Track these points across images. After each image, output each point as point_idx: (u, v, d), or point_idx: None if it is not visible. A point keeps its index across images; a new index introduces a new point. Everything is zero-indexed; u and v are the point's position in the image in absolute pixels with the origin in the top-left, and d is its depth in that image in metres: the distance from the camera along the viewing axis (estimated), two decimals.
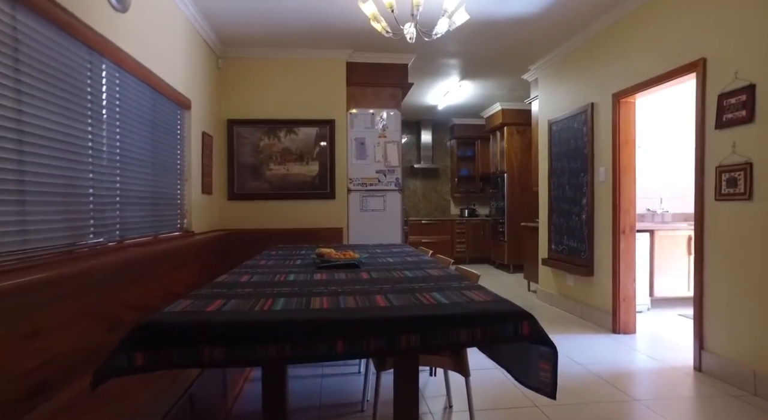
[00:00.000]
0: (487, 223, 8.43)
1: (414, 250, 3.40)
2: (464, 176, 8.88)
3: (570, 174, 4.57)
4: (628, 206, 3.86)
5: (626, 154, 3.86)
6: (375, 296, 1.63)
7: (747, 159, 2.69)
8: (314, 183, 4.74)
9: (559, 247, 4.79)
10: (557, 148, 4.83)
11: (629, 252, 3.86)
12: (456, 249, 8.40)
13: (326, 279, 2.05)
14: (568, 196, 4.62)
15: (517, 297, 5.46)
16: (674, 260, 4.59)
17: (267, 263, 2.63)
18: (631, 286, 3.86)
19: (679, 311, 4.62)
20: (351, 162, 4.84)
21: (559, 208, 4.80)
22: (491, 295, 1.64)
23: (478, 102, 7.33)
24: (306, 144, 4.72)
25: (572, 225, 4.53)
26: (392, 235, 4.90)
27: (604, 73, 4.06)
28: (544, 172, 5.19)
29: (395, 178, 4.92)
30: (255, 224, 4.62)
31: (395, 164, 4.92)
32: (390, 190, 4.91)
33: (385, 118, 4.90)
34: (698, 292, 3.06)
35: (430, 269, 2.33)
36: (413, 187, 9.03)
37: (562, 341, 3.62)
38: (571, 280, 4.59)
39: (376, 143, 4.88)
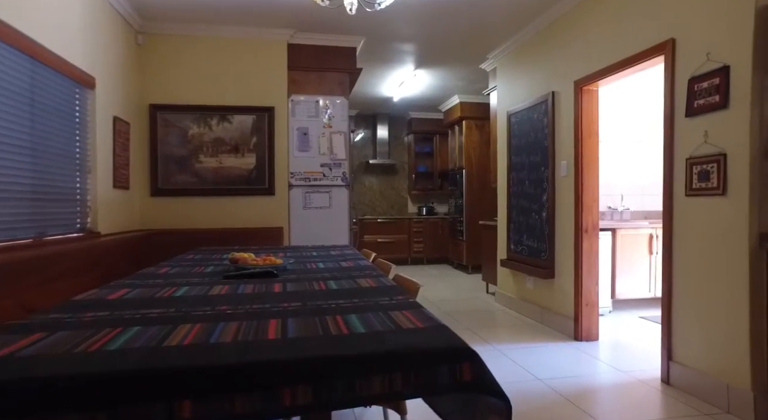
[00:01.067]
0: (445, 221, 8.11)
1: (355, 252, 2.98)
2: (422, 173, 8.54)
3: (530, 168, 4.27)
4: (591, 203, 3.57)
5: (589, 146, 3.56)
6: (269, 321, 1.20)
7: (720, 150, 2.41)
8: (251, 177, 4.25)
9: (518, 247, 4.48)
10: (516, 140, 4.52)
11: (592, 253, 3.57)
12: (413, 249, 8.05)
13: (226, 294, 1.61)
14: (527, 192, 4.31)
15: (475, 300, 5.14)
16: (636, 260, 4.35)
17: (169, 271, 2.16)
18: (594, 290, 3.58)
19: (640, 313, 4.40)
20: (293, 154, 4.38)
21: (518, 206, 4.49)
22: (426, 318, 1.24)
23: (436, 94, 6.99)
24: (241, 134, 4.22)
25: (532, 223, 4.22)
26: (339, 235, 4.47)
27: (566, 60, 3.75)
28: (503, 167, 4.87)
29: (342, 172, 4.49)
30: (183, 224, 4.09)
31: (342, 157, 4.49)
32: (336, 185, 4.47)
33: (331, 106, 4.46)
34: (666, 297, 2.78)
35: (362, 278, 1.92)
36: (369, 183, 8.62)
37: (521, 352, 3.29)
38: (531, 282, 4.29)
39: (321, 134, 4.43)
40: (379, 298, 1.50)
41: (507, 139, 4.69)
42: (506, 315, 4.44)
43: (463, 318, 4.30)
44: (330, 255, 2.84)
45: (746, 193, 2.28)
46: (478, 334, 3.75)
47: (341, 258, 2.67)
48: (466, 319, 4.24)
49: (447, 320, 4.17)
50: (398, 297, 1.51)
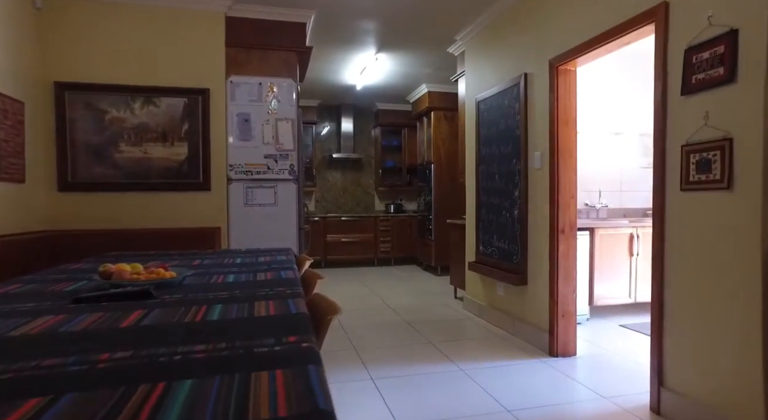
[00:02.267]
0: (414, 219, 7.64)
1: (290, 259, 2.46)
2: (390, 168, 8.05)
3: (500, 160, 3.81)
4: (569, 199, 3.13)
5: (566, 134, 3.12)
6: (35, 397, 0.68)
7: (725, 133, 1.97)
8: (182, 170, 3.67)
9: (488, 248, 4.03)
10: (486, 130, 4.06)
11: (569, 256, 3.13)
12: (380, 249, 7.55)
13: (42, 331, 1.07)
14: (498, 187, 3.85)
15: (442, 306, 4.67)
16: (616, 263, 3.95)
17: (18, 289, 1.60)
18: (572, 299, 3.14)
19: (620, 320, 4.00)
20: (232, 144, 3.82)
21: (488, 203, 4.04)
22: (304, 391, 0.73)
23: (403, 83, 6.50)
24: (171, 119, 3.64)
25: (503, 222, 3.77)
26: (286, 235, 3.94)
27: (540, 37, 3.30)
28: (471, 160, 4.41)
29: (289, 164, 3.95)
30: (99, 224, 3.49)
31: (290, 148, 3.95)
32: (283, 179, 3.94)
33: (277, 89, 3.91)
34: (656, 311, 2.35)
35: (265, 300, 1.41)
36: (333, 179, 8.08)
37: (488, 373, 2.83)
38: (501, 288, 3.84)
39: (265, 121, 3.88)
40: (261, 340, 0.99)
41: (475, 128, 4.23)
42: (474, 325, 3.98)
43: (426, 329, 3.82)
44: (256, 262, 2.32)
45: (758, 186, 1.85)
46: (441, 349, 3.28)
47: (265, 267, 2.15)
48: (428, 330, 3.76)
49: (407, 331, 3.69)
50: (289, 339, 1.00)
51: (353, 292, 5.44)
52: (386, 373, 2.84)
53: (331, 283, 6.09)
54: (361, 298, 5.14)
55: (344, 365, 3.00)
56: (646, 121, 4.59)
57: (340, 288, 5.73)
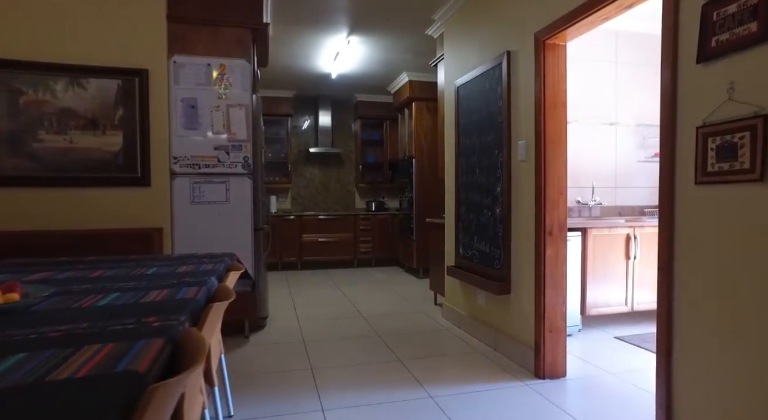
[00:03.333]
0: (396, 218, 7.19)
1: (215, 268, 1.99)
2: (371, 163, 7.59)
3: (482, 152, 3.37)
4: (557, 196, 2.69)
5: (554, 120, 2.68)
6: None
7: (757, 109, 1.54)
8: (116, 163, 3.19)
9: (468, 251, 3.59)
10: (466, 118, 3.62)
11: (558, 262, 2.69)
12: (360, 249, 7.09)
13: None
14: (479, 182, 3.41)
15: (419, 315, 4.22)
16: (611, 267, 3.53)
17: None
18: (561, 312, 2.70)
19: (615, 331, 3.58)
20: (176, 133, 3.34)
21: (468, 200, 3.59)
22: None
23: (381, 71, 6.03)
24: (102, 104, 3.15)
25: (484, 222, 3.33)
26: (239, 237, 3.47)
27: (525, 7, 2.85)
28: (450, 152, 3.97)
29: (243, 156, 3.48)
30: (15, 224, 3.01)
31: (243, 137, 3.48)
32: (236, 173, 3.47)
33: (229, 71, 3.44)
34: (663, 330, 1.91)
35: (112, 341, 0.94)
36: (310, 175, 7.60)
37: (464, 402, 2.38)
38: (482, 297, 3.40)
39: (215, 107, 3.41)
40: None
41: (455, 116, 3.78)
42: (453, 338, 3.53)
43: (398, 342, 3.37)
44: (171, 274, 1.86)
45: None
46: (411, 369, 2.83)
47: (174, 281, 1.69)
48: (400, 345, 3.31)
49: (377, 346, 3.24)
50: None
51: (324, 297, 4.98)
52: (341, 402, 2.39)
53: (303, 286, 5.63)
54: (332, 304, 4.68)
55: (294, 390, 2.54)
56: (644, 110, 4.18)
57: (311, 292, 5.27)
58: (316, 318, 4.13)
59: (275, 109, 7.00)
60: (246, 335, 3.54)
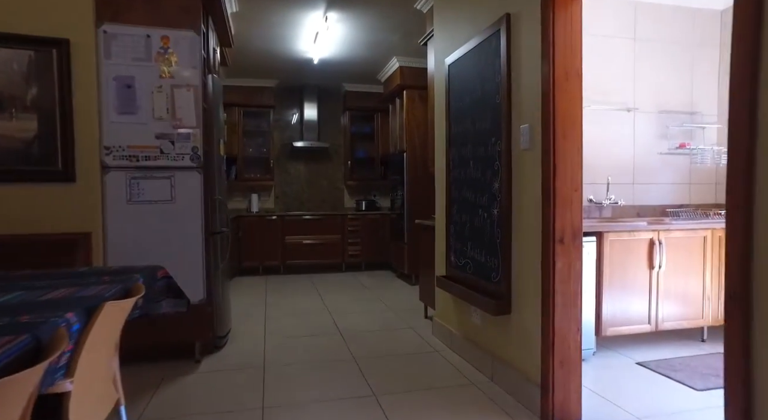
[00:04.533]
0: (387, 218, 6.62)
1: (96, 294, 1.43)
2: (361, 159, 7.02)
3: (476, 141, 2.79)
4: (571, 193, 2.12)
5: (567, 95, 2.10)
6: None
7: None
8: (31, 153, 2.63)
9: (461, 260, 3.02)
10: (458, 101, 3.04)
11: (572, 278, 2.12)
12: (348, 252, 6.53)
13: None
14: (473, 177, 2.84)
15: (407, 331, 3.66)
16: (630, 279, 2.95)
17: None
18: (575, 340, 2.13)
19: (637, 355, 3.01)
20: (108, 118, 2.78)
21: (461, 198, 3.02)
22: None
23: (369, 56, 5.46)
24: (9, 80, 2.59)
25: (479, 225, 2.76)
26: (188, 243, 2.91)
27: None
28: (441, 142, 3.40)
29: (192, 147, 2.91)
30: None
31: (192, 124, 2.91)
32: (183, 167, 2.90)
33: (174, 45, 2.87)
34: (739, 387, 1.34)
35: None
36: (295, 172, 7.04)
37: None
38: (477, 316, 2.83)
39: (156, 88, 2.84)
40: None
41: (445, 100, 3.21)
42: (442, 364, 2.96)
43: (378, 370, 2.81)
44: (30, 303, 1.30)
45: None
46: (387, 410, 2.26)
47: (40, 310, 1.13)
48: (380, 374, 2.75)
49: (350, 375, 2.69)
50: None
51: (302, 307, 4.42)
52: None
53: (282, 293, 5.07)
54: (309, 316, 4.12)
55: None
56: (667, 95, 3.59)
57: (289, 300, 4.70)
58: (286, 335, 3.57)
59: (256, 100, 6.44)
60: (197, 359, 2.98)
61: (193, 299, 2.91)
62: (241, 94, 6.36)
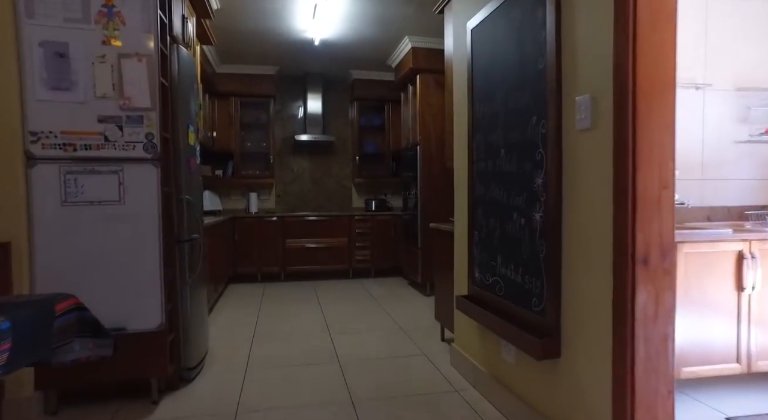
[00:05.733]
0: (399, 220, 5.96)
1: None
2: (371, 154, 6.37)
3: (509, 123, 2.12)
4: (658, 192, 1.44)
5: (654, 51, 1.43)
6: None
7: None
8: None
9: (488, 277, 2.35)
10: (484, 73, 2.37)
11: (661, 315, 1.44)
12: (356, 257, 5.89)
13: None
14: (505, 170, 2.17)
15: (420, 358, 3.00)
16: (711, 304, 2.25)
17: None
18: (666, 407, 1.45)
19: (724, 407, 2.30)
20: (34, 95, 2.17)
21: (487, 198, 2.35)
22: None
23: (378, 36, 4.80)
24: None
25: (514, 234, 2.08)
26: (141, 256, 2.29)
27: None
28: (461, 128, 2.73)
29: (146, 133, 2.30)
30: None
31: (144, 104, 2.29)
32: (134, 159, 2.29)
33: (120, 3, 2.25)
34: None
35: None
36: (298, 168, 6.42)
37: None
38: (511, 353, 2.16)
39: (99, 57, 2.23)
40: None
41: (468, 74, 2.54)
42: (463, 410, 2.29)
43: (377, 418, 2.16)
44: None
45: None
46: None
47: None
48: None
49: None
50: None
51: (298, 325, 3.79)
52: None
53: (278, 305, 4.45)
54: (304, 336, 3.48)
55: None
56: (748, 68, 2.87)
57: (284, 315, 4.08)
58: (272, 363, 2.94)
59: (255, 89, 5.83)
60: (153, 400, 2.36)
61: (148, 325, 2.31)
62: (238, 82, 5.76)
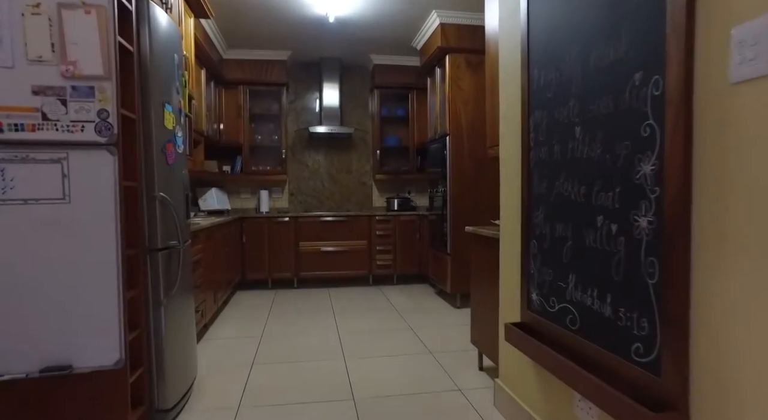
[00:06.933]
0: (425, 220, 5.35)
1: None
2: (393, 147, 5.78)
3: (591, 88, 1.49)
4: None
5: None
6: None
7: None
8: None
9: (551, 301, 1.72)
10: (546, 24, 1.74)
11: None
12: (377, 262, 5.30)
13: None
14: (583, 156, 1.54)
15: (454, 393, 2.38)
16: None
17: None
18: None
19: None
20: None
21: (554, 195, 1.73)
22: None
23: (402, 13, 4.20)
24: None
25: (597, 245, 1.46)
26: (86, 273, 1.75)
27: None
28: (511, 105, 2.11)
29: (98, 110, 1.75)
30: None
31: (96, 72, 1.74)
32: (84, 143, 1.74)
33: None
34: None
35: None
36: (313, 164, 5.86)
37: None
38: (590, 414, 1.53)
39: (30, 6, 1.69)
40: None
41: (524, 25, 1.91)
42: None
43: None
44: None
45: None
46: None
47: None
48: None
49: None
50: None
51: (306, 346, 3.22)
52: None
53: (288, 317, 3.89)
54: (312, 361, 2.91)
55: None
56: None
57: (291, 331, 3.52)
58: (271, 399, 2.37)
59: (265, 77, 5.29)
60: None
61: (102, 361, 1.77)
62: (246, 69, 5.23)
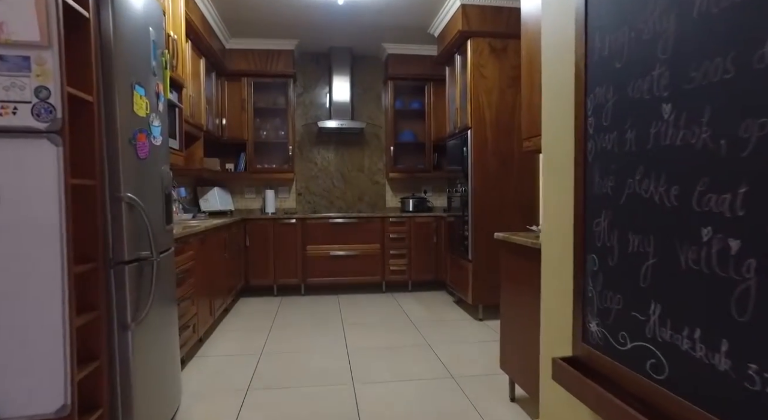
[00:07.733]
0: (442, 222, 4.94)
1: None
2: (407, 143, 5.37)
3: (693, 48, 1.07)
4: None
5: None
6: None
7: None
8: None
9: (620, 337, 1.30)
10: None
11: None
12: (390, 267, 4.90)
13: None
14: (672, 144, 1.12)
15: None
16: None
17: None
18: None
19: None
20: None
21: (621, 197, 1.31)
22: None
23: None
24: None
25: (700, 267, 1.03)
26: (16, 300, 1.38)
27: None
28: (559, 80, 1.69)
29: (35, 88, 1.38)
30: None
31: (31, 37, 1.37)
32: (17, 130, 1.37)
33: None
34: None
35: None
36: (322, 161, 5.49)
37: None
38: None
39: None
40: None
41: None
42: None
43: None
44: None
45: None
46: None
47: None
48: None
49: None
50: None
51: (310, 365, 2.84)
52: None
53: (293, 329, 3.52)
54: (316, 386, 2.53)
55: None
56: None
57: (294, 347, 3.14)
58: None
59: (270, 68, 4.93)
60: None
61: (42, 408, 1.40)
62: (250, 59, 4.87)
